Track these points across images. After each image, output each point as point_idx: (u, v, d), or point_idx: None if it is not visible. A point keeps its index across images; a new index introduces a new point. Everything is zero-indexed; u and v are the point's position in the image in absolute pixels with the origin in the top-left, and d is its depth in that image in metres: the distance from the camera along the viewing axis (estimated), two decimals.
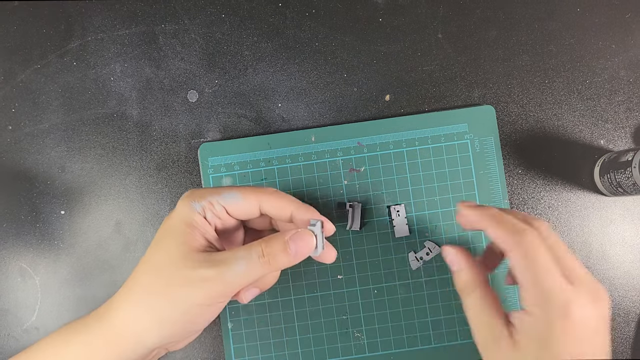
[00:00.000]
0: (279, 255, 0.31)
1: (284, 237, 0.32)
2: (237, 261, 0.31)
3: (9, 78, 0.48)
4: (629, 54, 0.47)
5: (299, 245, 0.32)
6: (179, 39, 0.48)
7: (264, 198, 0.33)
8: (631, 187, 0.41)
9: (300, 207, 0.34)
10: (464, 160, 0.46)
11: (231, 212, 0.33)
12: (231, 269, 0.30)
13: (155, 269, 0.31)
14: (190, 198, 0.33)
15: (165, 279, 0.31)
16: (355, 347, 0.45)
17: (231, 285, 0.31)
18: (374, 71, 0.48)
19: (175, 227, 0.32)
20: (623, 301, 0.46)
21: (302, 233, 0.33)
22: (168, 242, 0.32)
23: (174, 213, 0.33)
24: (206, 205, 0.33)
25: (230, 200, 0.33)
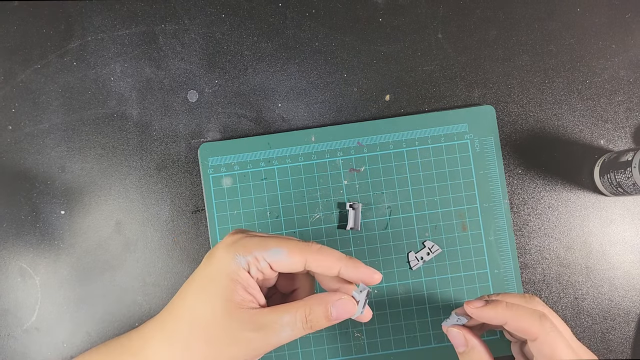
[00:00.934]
0: (320, 321, 0.32)
1: (327, 304, 0.32)
2: (283, 328, 0.31)
3: (9, 78, 0.48)
4: (629, 54, 0.47)
5: (340, 313, 0.32)
6: (179, 39, 0.48)
7: (309, 256, 0.32)
8: (631, 187, 0.41)
9: (349, 265, 0.33)
10: (464, 160, 0.46)
11: (275, 268, 0.33)
12: (276, 335, 0.31)
13: (196, 322, 0.31)
14: (234, 249, 0.32)
15: (207, 336, 0.31)
16: (355, 347, 0.45)
17: (274, 347, 0.32)
18: (374, 71, 0.48)
19: (219, 280, 0.31)
20: (623, 301, 0.46)
21: (346, 301, 0.33)
22: (211, 295, 0.31)
23: (216, 260, 0.32)
24: (251, 261, 0.32)
25: (276, 258, 0.32)
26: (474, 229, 0.46)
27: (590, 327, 0.46)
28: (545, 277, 0.46)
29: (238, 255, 0.31)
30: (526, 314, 0.34)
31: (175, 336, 0.31)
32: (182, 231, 0.47)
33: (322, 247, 0.33)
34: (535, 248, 0.46)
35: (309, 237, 0.46)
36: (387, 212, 0.46)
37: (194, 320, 0.31)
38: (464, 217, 0.46)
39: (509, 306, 0.34)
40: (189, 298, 0.32)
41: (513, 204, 0.47)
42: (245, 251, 0.32)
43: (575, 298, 0.46)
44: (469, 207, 0.46)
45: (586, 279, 0.46)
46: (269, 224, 0.46)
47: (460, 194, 0.46)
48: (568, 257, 0.46)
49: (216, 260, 0.32)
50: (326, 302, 0.32)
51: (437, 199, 0.46)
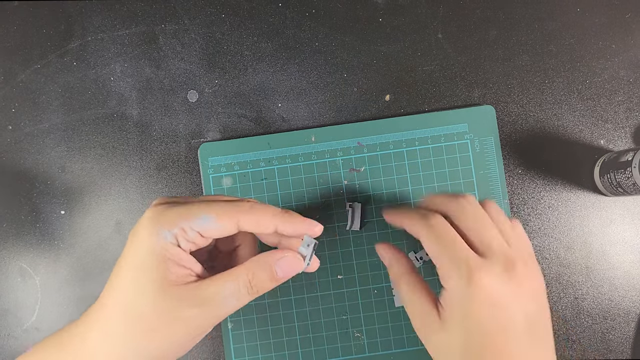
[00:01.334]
0: (266, 282, 0.30)
1: (271, 264, 0.30)
2: (226, 299, 0.29)
3: (9, 78, 0.48)
4: (629, 54, 0.47)
5: (286, 271, 0.31)
6: (179, 39, 0.48)
7: (240, 217, 0.30)
8: (631, 187, 0.41)
9: (285, 221, 0.31)
10: (464, 160, 0.46)
11: (206, 235, 0.30)
12: (221, 307, 0.29)
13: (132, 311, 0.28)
14: (158, 224, 0.28)
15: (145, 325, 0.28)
16: (355, 347, 0.45)
17: (221, 319, 0.30)
18: (374, 71, 0.48)
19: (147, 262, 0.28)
20: (623, 301, 0.46)
21: (290, 258, 0.31)
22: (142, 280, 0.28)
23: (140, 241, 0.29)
24: (179, 234, 0.29)
25: (203, 225, 0.29)
26: None
27: (590, 327, 0.46)
28: (545, 277, 0.46)
29: (163, 229, 0.28)
30: (415, 214, 0.34)
31: (113, 330, 0.29)
32: None
33: (254, 203, 0.31)
34: (535, 248, 0.46)
35: None
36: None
37: (128, 310, 0.28)
38: None
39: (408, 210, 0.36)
40: (120, 286, 0.29)
41: (513, 204, 0.47)
42: (170, 224, 0.29)
43: (575, 298, 0.46)
44: None
45: (586, 279, 0.46)
46: None
47: None
48: (568, 257, 0.46)
49: (141, 240, 0.29)
50: (269, 263, 0.30)
51: None
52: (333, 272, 0.46)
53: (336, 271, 0.46)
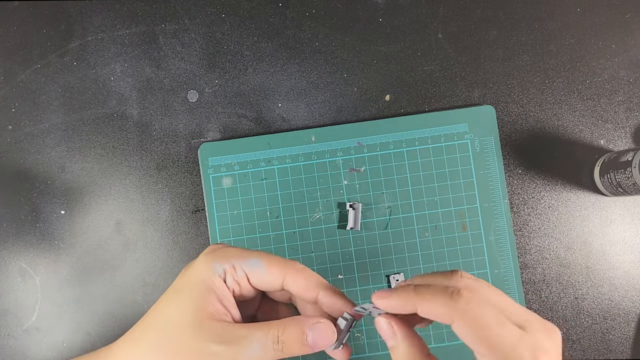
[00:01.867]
0: (294, 345, 0.29)
1: (303, 326, 0.29)
2: (252, 344, 0.29)
3: (9, 78, 0.48)
4: (629, 54, 0.47)
5: (317, 339, 0.29)
6: (179, 39, 0.48)
7: (289, 274, 0.30)
8: (631, 187, 0.41)
9: (329, 292, 0.31)
10: (464, 160, 0.46)
11: (252, 281, 0.31)
12: (244, 352, 0.29)
13: (166, 330, 0.29)
14: (213, 257, 0.30)
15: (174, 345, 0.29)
16: (355, 347, 0.45)
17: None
18: (374, 71, 0.48)
19: (193, 286, 0.30)
20: (623, 301, 0.46)
21: (325, 326, 0.30)
22: (184, 301, 0.30)
23: (193, 268, 0.31)
24: (228, 269, 0.30)
25: (253, 269, 0.30)
26: (474, 229, 0.46)
27: (590, 327, 0.46)
28: (545, 277, 0.46)
29: (216, 262, 0.30)
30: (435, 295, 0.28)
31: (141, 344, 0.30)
32: (182, 231, 0.47)
33: (304, 268, 0.31)
34: (535, 248, 0.46)
35: (308, 237, 0.46)
36: (387, 212, 0.46)
37: (163, 327, 0.29)
38: (464, 217, 0.46)
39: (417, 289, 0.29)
40: (162, 305, 0.30)
41: (513, 204, 0.47)
42: (223, 259, 0.30)
43: (575, 298, 0.46)
44: (469, 207, 0.46)
45: (586, 279, 0.46)
46: (269, 224, 0.46)
47: (460, 194, 0.46)
48: (568, 257, 0.46)
49: (194, 268, 0.31)
50: (303, 324, 0.29)
51: (437, 199, 0.46)
52: (333, 272, 0.46)
53: (336, 271, 0.46)
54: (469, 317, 0.26)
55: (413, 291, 0.28)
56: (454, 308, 0.27)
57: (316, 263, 0.46)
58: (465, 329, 0.26)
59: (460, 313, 0.26)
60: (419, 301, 0.28)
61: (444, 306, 0.27)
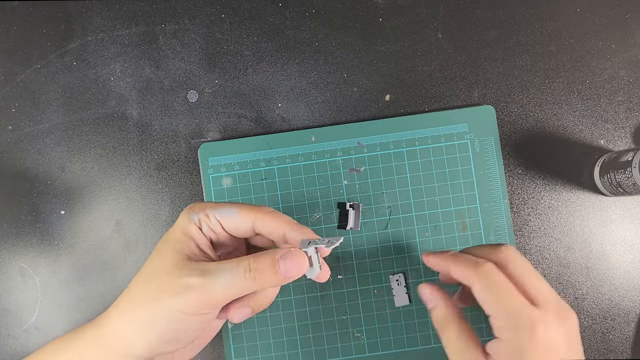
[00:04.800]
0: (266, 273, 0.30)
1: (275, 254, 0.31)
2: (223, 272, 0.30)
3: (9, 78, 0.48)
4: (629, 54, 0.47)
5: (288, 265, 0.31)
6: (179, 39, 0.48)
7: (258, 217, 0.33)
8: (631, 187, 0.41)
9: (294, 228, 0.33)
10: (464, 160, 0.46)
11: (226, 228, 0.33)
12: (215, 280, 0.30)
13: (147, 275, 0.32)
14: (189, 210, 0.33)
15: (154, 286, 0.31)
16: (355, 347, 0.45)
17: (214, 296, 0.30)
18: (374, 71, 0.48)
19: (172, 236, 0.33)
20: (623, 301, 0.46)
21: (294, 253, 0.31)
22: (164, 250, 0.32)
23: (174, 225, 0.33)
24: (202, 217, 0.33)
25: (225, 215, 0.33)
26: (474, 229, 0.46)
27: (590, 327, 0.46)
28: (545, 277, 0.46)
29: (192, 213, 0.33)
30: (465, 262, 0.34)
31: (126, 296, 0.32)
32: None
33: (273, 211, 0.34)
34: (535, 248, 0.46)
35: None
36: (387, 212, 0.46)
37: (144, 275, 0.32)
38: (464, 217, 0.46)
39: (455, 255, 0.35)
40: (147, 261, 0.33)
41: (513, 204, 0.47)
42: (199, 209, 0.33)
43: (575, 298, 0.46)
44: (469, 207, 0.46)
45: (586, 279, 0.46)
46: None
47: (460, 194, 0.46)
48: (568, 257, 0.46)
49: (175, 224, 0.33)
50: (274, 253, 0.31)
51: (437, 199, 0.46)
52: (333, 272, 0.46)
53: (336, 271, 0.46)
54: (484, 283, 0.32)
55: (451, 256, 0.35)
56: (475, 274, 0.33)
57: None
58: (481, 292, 0.32)
59: (479, 278, 0.32)
60: (452, 263, 0.35)
61: (467, 270, 0.33)
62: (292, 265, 0.31)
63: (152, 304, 0.30)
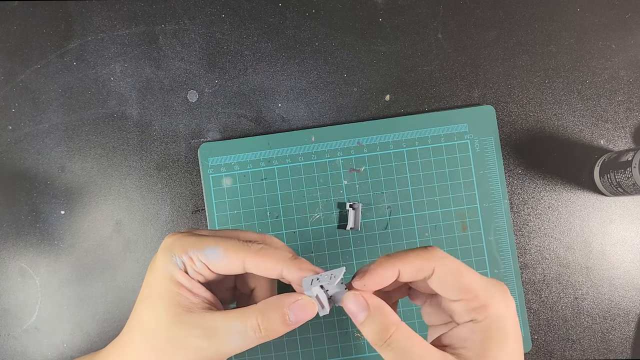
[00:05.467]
0: (276, 328, 0.29)
1: (282, 308, 0.29)
2: (232, 335, 0.28)
3: (9, 78, 0.48)
4: (629, 54, 0.47)
5: (299, 316, 0.29)
6: (179, 39, 0.48)
7: (248, 257, 0.30)
8: (631, 187, 0.41)
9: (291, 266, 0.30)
10: (464, 160, 0.46)
11: (213, 269, 0.30)
12: (223, 342, 0.29)
13: (146, 334, 0.30)
14: (170, 249, 0.30)
15: (157, 346, 0.29)
16: (355, 347, 0.45)
17: (226, 356, 0.30)
18: (374, 71, 0.48)
19: (160, 285, 0.30)
20: (623, 301, 0.46)
21: (303, 303, 0.29)
22: (156, 303, 0.30)
23: (155, 267, 0.30)
24: (186, 261, 0.30)
25: (210, 258, 0.30)
26: (474, 229, 0.46)
27: (590, 327, 0.46)
28: (545, 277, 0.46)
29: (174, 256, 0.30)
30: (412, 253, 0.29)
31: (130, 352, 0.30)
32: None
33: (263, 247, 0.30)
34: (535, 248, 0.46)
35: (308, 237, 0.46)
36: (387, 212, 0.46)
37: (143, 332, 0.30)
38: (464, 217, 0.46)
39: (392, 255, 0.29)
40: (139, 310, 0.30)
41: (513, 204, 0.47)
42: (181, 251, 0.30)
43: (575, 298, 0.46)
44: (469, 207, 0.46)
45: (586, 279, 0.46)
46: (269, 224, 0.46)
47: (460, 194, 0.46)
48: (568, 257, 0.46)
49: (156, 265, 0.30)
50: (281, 306, 0.29)
51: (437, 199, 0.46)
52: None
53: None
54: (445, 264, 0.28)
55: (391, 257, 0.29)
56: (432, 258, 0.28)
57: (316, 263, 0.46)
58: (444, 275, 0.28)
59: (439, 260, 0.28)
60: (400, 263, 0.29)
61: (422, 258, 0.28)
62: (302, 314, 0.29)
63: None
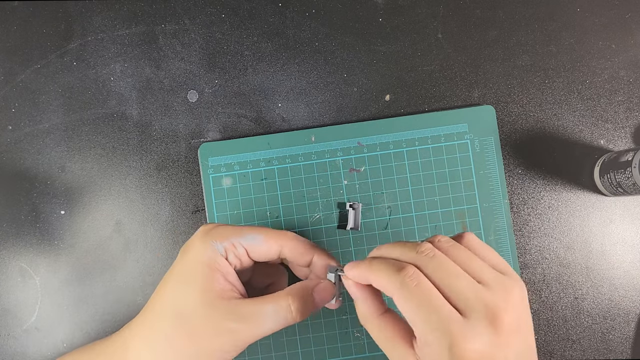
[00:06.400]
0: (306, 308, 0.32)
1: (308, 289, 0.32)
2: (266, 318, 0.30)
3: (9, 78, 0.48)
4: (629, 54, 0.47)
5: (322, 296, 0.33)
6: (179, 39, 0.48)
7: (285, 243, 0.33)
8: (631, 187, 0.41)
9: (322, 254, 0.34)
10: (464, 160, 0.46)
11: (252, 255, 0.33)
12: (261, 326, 0.30)
13: (178, 316, 0.30)
14: (210, 237, 0.31)
15: (190, 329, 0.30)
16: (355, 347, 0.45)
17: (257, 337, 0.31)
18: (374, 71, 0.48)
19: (197, 270, 0.31)
20: (623, 301, 0.46)
21: (326, 285, 0.33)
22: (190, 285, 0.30)
23: (193, 250, 0.31)
24: (228, 247, 0.31)
25: (252, 243, 0.32)
26: (474, 229, 0.46)
27: (590, 327, 0.46)
28: (545, 277, 0.46)
29: (215, 242, 0.31)
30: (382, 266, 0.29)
31: (158, 334, 0.30)
32: (182, 231, 0.47)
33: (295, 235, 0.34)
34: (535, 248, 0.46)
35: (309, 237, 0.46)
36: (387, 212, 0.46)
37: (175, 314, 0.30)
38: (464, 217, 0.46)
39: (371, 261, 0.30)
40: (169, 292, 0.31)
41: (513, 204, 0.47)
42: (222, 238, 0.31)
43: (575, 298, 0.46)
44: (469, 207, 0.46)
45: (586, 279, 0.46)
46: (269, 224, 0.46)
47: (460, 194, 0.46)
48: (568, 257, 0.46)
49: (193, 250, 0.31)
50: (308, 289, 0.32)
51: (437, 199, 0.46)
52: None
53: None
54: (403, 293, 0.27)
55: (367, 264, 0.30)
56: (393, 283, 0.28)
57: None
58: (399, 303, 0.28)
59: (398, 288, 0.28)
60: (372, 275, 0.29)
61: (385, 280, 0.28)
62: (325, 295, 0.33)
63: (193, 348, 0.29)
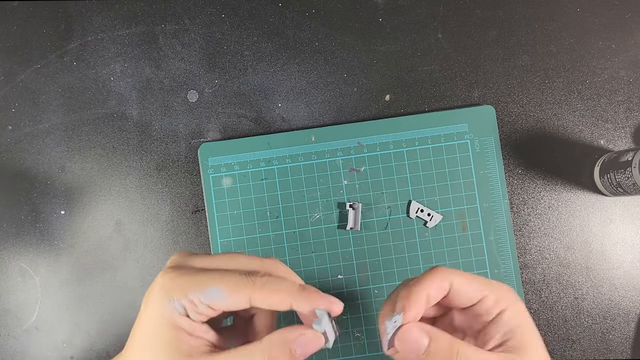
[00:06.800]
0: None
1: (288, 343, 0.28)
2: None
3: (9, 78, 0.48)
4: (629, 54, 0.47)
5: (306, 349, 0.29)
6: (179, 39, 0.48)
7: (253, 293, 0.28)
8: (631, 187, 0.41)
9: (300, 298, 0.29)
10: (464, 160, 0.46)
11: (217, 309, 0.29)
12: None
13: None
14: (168, 292, 0.28)
15: None
16: (355, 347, 0.45)
17: None
18: (374, 71, 0.48)
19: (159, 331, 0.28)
20: (623, 301, 0.46)
21: (309, 336, 0.29)
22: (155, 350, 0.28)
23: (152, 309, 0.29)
24: (187, 305, 0.28)
25: (214, 298, 0.28)
26: (474, 229, 0.46)
27: (590, 327, 0.46)
28: (545, 277, 0.46)
29: (172, 300, 0.28)
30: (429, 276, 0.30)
31: None
32: (182, 231, 0.47)
33: (268, 280, 0.29)
34: (535, 248, 0.46)
35: (309, 237, 0.46)
36: (387, 212, 0.46)
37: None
38: (464, 217, 0.46)
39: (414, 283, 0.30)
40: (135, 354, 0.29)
41: (513, 204, 0.47)
42: (180, 294, 0.28)
43: (575, 298, 0.46)
44: (469, 207, 0.46)
45: (586, 279, 0.46)
46: (269, 224, 0.46)
47: (460, 194, 0.46)
48: (568, 257, 0.46)
49: (152, 307, 0.29)
50: (287, 342, 0.28)
51: (437, 199, 0.46)
52: (333, 272, 0.46)
53: (336, 271, 0.46)
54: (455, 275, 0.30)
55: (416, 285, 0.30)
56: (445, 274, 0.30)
57: (316, 263, 0.46)
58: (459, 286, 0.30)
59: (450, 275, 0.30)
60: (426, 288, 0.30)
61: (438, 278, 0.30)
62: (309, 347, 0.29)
63: None
